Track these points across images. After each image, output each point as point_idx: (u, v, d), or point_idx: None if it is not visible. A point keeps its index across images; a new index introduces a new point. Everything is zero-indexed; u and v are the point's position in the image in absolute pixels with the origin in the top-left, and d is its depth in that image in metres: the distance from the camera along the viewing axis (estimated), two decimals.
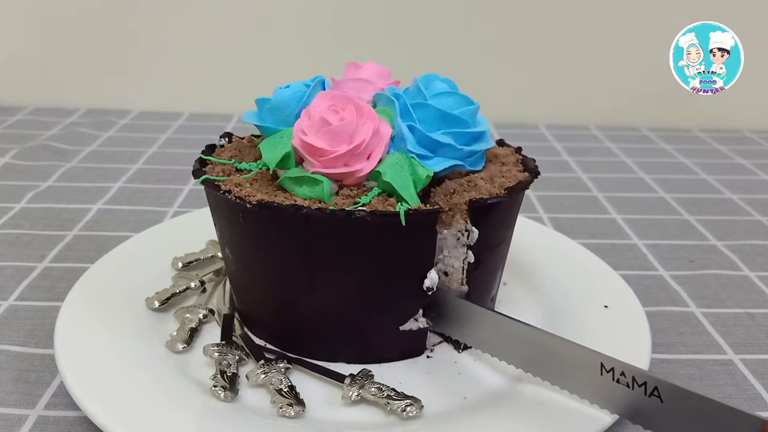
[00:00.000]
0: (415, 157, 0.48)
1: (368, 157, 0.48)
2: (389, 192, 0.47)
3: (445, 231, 0.49)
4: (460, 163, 0.50)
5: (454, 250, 0.50)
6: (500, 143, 0.59)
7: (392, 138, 0.50)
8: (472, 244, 0.49)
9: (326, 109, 0.48)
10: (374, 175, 0.47)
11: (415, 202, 0.46)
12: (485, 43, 1.16)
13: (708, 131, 1.18)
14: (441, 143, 0.48)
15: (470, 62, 1.16)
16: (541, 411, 0.44)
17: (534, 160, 0.55)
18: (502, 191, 0.49)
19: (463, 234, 0.49)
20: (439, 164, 0.48)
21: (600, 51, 1.16)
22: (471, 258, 0.49)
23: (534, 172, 0.53)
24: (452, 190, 0.48)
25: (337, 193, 0.48)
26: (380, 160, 0.48)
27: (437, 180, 0.50)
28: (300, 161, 0.49)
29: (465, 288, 0.50)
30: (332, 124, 0.47)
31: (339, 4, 1.13)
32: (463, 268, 0.50)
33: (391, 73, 0.56)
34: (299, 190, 0.47)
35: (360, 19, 1.14)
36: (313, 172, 0.47)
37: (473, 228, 0.48)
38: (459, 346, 0.52)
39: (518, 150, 0.57)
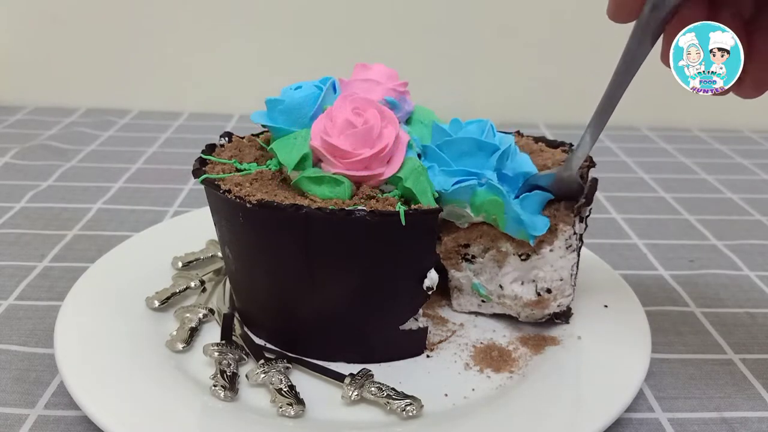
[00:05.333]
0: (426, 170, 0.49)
1: (389, 162, 0.48)
2: (408, 197, 0.47)
3: (547, 247, 0.48)
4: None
5: (560, 260, 0.48)
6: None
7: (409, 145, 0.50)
8: (582, 244, 0.48)
9: (350, 111, 0.48)
10: (394, 179, 0.48)
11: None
12: (486, 42, 1.15)
13: (708, 131, 1.18)
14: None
15: (471, 62, 1.16)
16: (541, 411, 0.44)
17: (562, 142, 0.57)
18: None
19: (571, 237, 0.48)
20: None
21: (600, 51, 1.16)
22: (577, 259, 0.48)
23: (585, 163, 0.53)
24: None
25: (354, 195, 0.48)
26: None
27: None
28: (317, 162, 0.49)
29: (573, 295, 0.49)
30: (357, 126, 0.47)
31: (339, 4, 1.13)
32: (572, 275, 0.48)
33: (398, 75, 0.55)
34: (318, 189, 0.47)
35: (360, 19, 1.14)
36: (334, 173, 0.47)
37: (582, 225, 0.48)
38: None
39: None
